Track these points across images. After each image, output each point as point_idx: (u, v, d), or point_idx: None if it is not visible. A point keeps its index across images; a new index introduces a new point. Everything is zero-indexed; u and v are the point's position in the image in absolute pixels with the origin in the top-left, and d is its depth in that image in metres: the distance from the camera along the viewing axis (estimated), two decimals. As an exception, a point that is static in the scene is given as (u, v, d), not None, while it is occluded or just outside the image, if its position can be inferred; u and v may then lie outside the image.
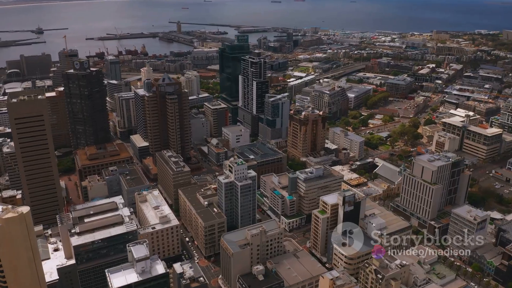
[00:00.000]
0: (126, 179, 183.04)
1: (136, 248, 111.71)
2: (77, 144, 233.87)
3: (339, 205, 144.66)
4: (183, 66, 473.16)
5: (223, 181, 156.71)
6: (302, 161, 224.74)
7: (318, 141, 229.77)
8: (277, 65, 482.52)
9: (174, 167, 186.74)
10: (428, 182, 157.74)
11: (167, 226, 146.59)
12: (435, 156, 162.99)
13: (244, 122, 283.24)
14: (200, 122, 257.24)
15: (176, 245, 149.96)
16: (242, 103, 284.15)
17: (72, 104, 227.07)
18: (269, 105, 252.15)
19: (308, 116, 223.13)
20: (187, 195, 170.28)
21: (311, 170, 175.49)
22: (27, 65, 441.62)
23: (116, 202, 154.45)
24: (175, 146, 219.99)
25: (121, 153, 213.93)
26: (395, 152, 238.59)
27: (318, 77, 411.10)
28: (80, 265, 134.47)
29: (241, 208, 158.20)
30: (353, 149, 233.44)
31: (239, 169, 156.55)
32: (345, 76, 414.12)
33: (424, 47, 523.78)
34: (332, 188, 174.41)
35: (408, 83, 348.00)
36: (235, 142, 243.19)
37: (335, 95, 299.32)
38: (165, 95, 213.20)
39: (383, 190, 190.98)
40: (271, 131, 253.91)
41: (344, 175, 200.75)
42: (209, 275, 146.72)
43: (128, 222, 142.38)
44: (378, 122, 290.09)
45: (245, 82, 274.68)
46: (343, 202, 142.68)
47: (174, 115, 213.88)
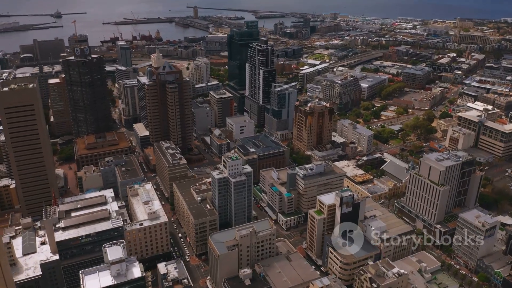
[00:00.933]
0: (121, 170, 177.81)
1: (112, 249, 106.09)
2: (78, 132, 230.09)
3: (337, 206, 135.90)
4: (196, 52, 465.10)
5: (217, 177, 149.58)
6: (306, 154, 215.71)
7: (324, 134, 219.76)
8: (291, 52, 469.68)
9: (170, 159, 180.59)
10: (435, 183, 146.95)
11: (155, 222, 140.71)
12: (444, 155, 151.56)
13: (251, 112, 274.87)
14: (205, 111, 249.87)
15: (165, 243, 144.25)
16: (249, 92, 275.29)
17: (72, 91, 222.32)
18: (275, 95, 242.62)
19: (314, 108, 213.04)
20: (181, 189, 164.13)
21: (311, 166, 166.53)
22: (40, 50, 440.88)
23: (106, 196, 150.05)
24: (175, 136, 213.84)
25: (120, 142, 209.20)
26: (406, 147, 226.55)
27: (332, 65, 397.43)
28: (64, 261, 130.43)
29: (235, 205, 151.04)
30: (361, 143, 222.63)
31: (233, 165, 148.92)
32: (361, 64, 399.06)
33: (446, 35, 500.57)
34: (334, 186, 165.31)
35: (425, 73, 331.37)
36: (239, 133, 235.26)
37: (347, 85, 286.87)
38: (165, 84, 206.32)
39: (389, 188, 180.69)
40: (277, 122, 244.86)
41: (349, 171, 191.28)
42: (198, 275, 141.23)
43: (115, 218, 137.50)
44: (391, 114, 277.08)
45: (252, 71, 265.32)
46: (340, 203, 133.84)
47: (174, 104, 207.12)
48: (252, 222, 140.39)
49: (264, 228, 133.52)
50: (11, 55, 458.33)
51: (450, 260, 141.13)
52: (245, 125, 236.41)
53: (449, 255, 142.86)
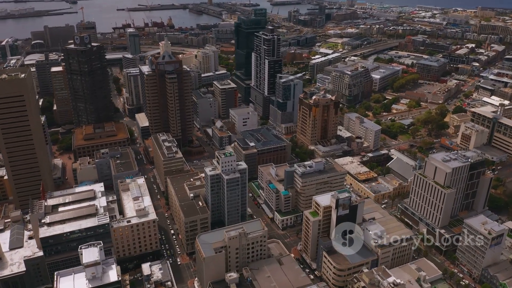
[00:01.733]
0: (115, 163, 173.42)
1: (87, 251, 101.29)
2: (78, 121, 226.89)
3: (332, 208, 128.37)
4: (206, 40, 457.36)
5: (209, 173, 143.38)
6: (310, 149, 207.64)
7: (330, 128, 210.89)
8: (304, 40, 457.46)
9: (166, 153, 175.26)
10: (440, 185, 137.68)
11: (144, 220, 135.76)
12: (451, 155, 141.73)
13: (256, 103, 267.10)
14: (208, 102, 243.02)
15: (154, 241, 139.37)
16: (254, 82, 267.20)
17: (72, 80, 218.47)
18: (280, 87, 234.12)
19: (318, 101, 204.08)
20: (174, 184, 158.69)
21: (310, 163, 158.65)
22: (51, 37, 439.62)
23: (95, 191, 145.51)
24: (175, 128, 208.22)
25: (118, 133, 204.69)
26: (416, 143, 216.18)
27: (345, 54, 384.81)
28: (49, 258, 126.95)
29: (228, 204, 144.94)
30: (368, 138, 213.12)
31: (227, 161, 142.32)
32: (375, 54, 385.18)
33: (466, 24, 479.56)
34: (334, 184, 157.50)
35: (441, 65, 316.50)
36: (242, 126, 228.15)
37: (357, 76, 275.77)
38: (164, 74, 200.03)
39: (393, 188, 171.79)
40: (281, 114, 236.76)
41: (352, 168, 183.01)
42: (187, 275, 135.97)
43: (102, 214, 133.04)
44: (403, 107, 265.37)
45: (257, 60, 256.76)
46: (336, 205, 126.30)
47: (173, 95, 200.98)
48: (243, 223, 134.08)
49: (255, 229, 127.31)
50: (23, 42, 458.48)
51: (454, 268, 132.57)
52: (248, 117, 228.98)
53: (452, 262, 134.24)
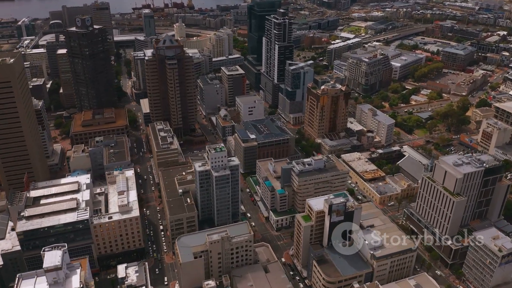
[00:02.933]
0: (109, 152, 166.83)
1: (50, 254, 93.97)
2: (81, 106, 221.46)
3: (326, 214, 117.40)
4: (224, 22, 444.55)
5: (198, 169, 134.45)
6: (316, 142, 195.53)
7: (339, 121, 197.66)
8: (325, 24, 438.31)
9: (160, 143, 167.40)
10: (449, 192, 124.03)
11: (126, 216, 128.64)
12: (463, 159, 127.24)
13: (266, 91, 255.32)
14: (214, 88, 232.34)
15: (137, 238, 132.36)
16: (265, 69, 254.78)
17: (74, 64, 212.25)
18: (290, 74, 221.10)
19: (327, 91, 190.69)
20: (165, 177, 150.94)
21: (309, 160, 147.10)
22: (69, 16, 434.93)
23: (80, 183, 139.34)
24: (175, 116, 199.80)
25: (117, 120, 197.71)
26: (433, 139, 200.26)
27: (367, 39, 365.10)
28: (27, 252, 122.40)
29: (217, 202, 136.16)
30: (380, 133, 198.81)
31: (216, 157, 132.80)
32: (399, 40, 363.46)
33: (499, 10, 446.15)
34: (335, 185, 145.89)
35: (468, 53, 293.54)
36: (247, 115, 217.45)
37: (375, 64, 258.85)
38: (164, 59, 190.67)
39: (401, 189, 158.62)
40: (290, 104, 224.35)
41: (359, 166, 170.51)
42: (171, 276, 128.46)
43: (82, 210, 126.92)
44: (423, 98, 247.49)
45: (268, 45, 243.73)
46: (329, 211, 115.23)
47: (174, 82, 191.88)
48: (228, 225, 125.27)
49: (240, 233, 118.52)
50: (43, 21, 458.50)
51: (459, 284, 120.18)
52: (255, 106, 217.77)
53: (458, 278, 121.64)
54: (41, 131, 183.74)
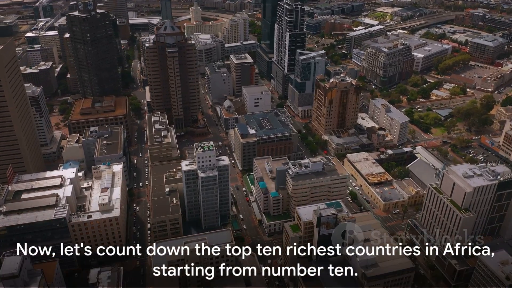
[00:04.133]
0: (101, 144, 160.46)
1: (9, 260, 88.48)
2: (84, 92, 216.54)
3: (314, 226, 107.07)
4: (243, 5, 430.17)
5: (184, 168, 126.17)
6: (323, 139, 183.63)
7: (348, 117, 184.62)
8: (349, 9, 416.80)
9: (153, 136, 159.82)
10: (457, 207, 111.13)
11: (105, 216, 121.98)
12: (475, 169, 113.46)
13: (277, 80, 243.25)
14: (221, 77, 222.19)
15: (117, 239, 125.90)
16: (276, 57, 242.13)
17: (76, 49, 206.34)
18: (299, 64, 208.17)
19: (336, 84, 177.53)
20: (155, 173, 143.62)
21: (307, 162, 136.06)
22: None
23: (64, 177, 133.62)
24: (176, 106, 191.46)
25: (117, 109, 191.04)
26: (450, 140, 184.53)
27: (391, 27, 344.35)
28: (4, 249, 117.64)
29: (204, 204, 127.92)
30: (392, 131, 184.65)
31: (203, 156, 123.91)
32: (426, 28, 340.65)
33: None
34: (333, 189, 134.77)
35: (498, 45, 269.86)
36: (253, 107, 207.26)
37: (395, 55, 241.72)
38: (164, 47, 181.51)
39: (409, 196, 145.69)
40: (299, 96, 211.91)
41: (365, 167, 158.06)
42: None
43: (61, 207, 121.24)
44: (445, 93, 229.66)
45: (280, 33, 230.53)
46: (317, 223, 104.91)
47: (174, 71, 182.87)
48: (208, 232, 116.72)
49: (222, 241, 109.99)
50: (63, 2, 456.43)
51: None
52: (261, 97, 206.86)
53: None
54: (38, 119, 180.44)
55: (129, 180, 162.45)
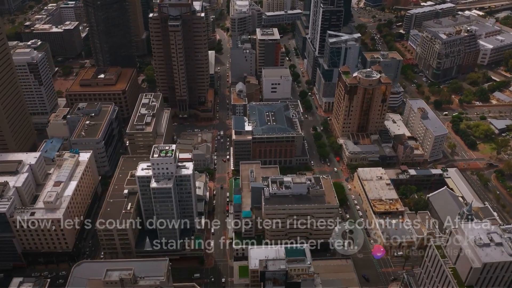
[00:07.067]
0: (83, 124, 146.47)
1: None
2: (97, 60, 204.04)
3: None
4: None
5: (138, 173, 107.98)
6: (338, 143, 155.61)
7: (372, 119, 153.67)
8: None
9: (134, 122, 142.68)
10: (459, 281, 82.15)
11: (47, 216, 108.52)
12: (495, 234, 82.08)
13: (308, 62, 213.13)
14: (243, 54, 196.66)
15: (63, 241, 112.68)
16: (310, 34, 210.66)
17: (88, 13, 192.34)
18: (328, 49, 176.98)
19: (359, 80, 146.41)
20: (124, 168, 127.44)
21: (289, 182, 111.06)
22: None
23: (23, 163, 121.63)
24: (179, 86, 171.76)
25: (117, 83, 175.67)
26: (499, 163, 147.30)
27: (466, 5, 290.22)
28: None
29: (158, 217, 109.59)
30: (425, 143, 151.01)
31: (159, 163, 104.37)
32: (509, 10, 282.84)
33: None
34: (319, 220, 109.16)
35: None
36: (270, 93, 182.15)
37: (455, 43, 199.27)
38: (167, 20, 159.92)
39: (419, 237, 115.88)
40: (324, 85, 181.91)
41: (376, 189, 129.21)
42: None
43: (5, 199, 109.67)
44: (510, 98, 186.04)
45: (315, 7, 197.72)
46: (261, 277, 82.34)
47: (176, 46, 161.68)
48: (140, 260, 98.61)
49: (152, 274, 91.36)
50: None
51: None
52: (279, 82, 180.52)
53: None
54: (37, 87, 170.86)
55: (111, 167, 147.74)
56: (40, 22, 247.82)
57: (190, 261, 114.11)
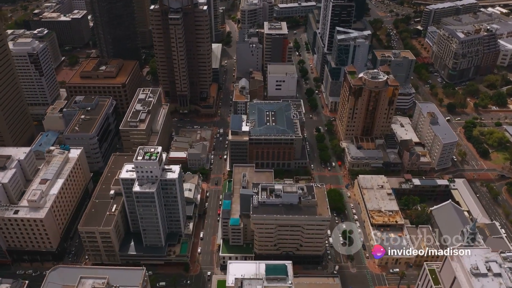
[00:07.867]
0: (78, 118, 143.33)
1: None
2: (101, 51, 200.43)
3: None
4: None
5: (122, 175, 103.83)
6: (340, 146, 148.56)
7: (378, 123, 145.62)
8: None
9: (128, 119, 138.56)
10: (451, 313, 75.61)
11: (30, 216, 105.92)
12: (494, 263, 74.84)
13: (318, 57, 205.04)
14: (249, 48, 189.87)
15: (46, 241, 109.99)
16: (320, 29, 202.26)
17: (93, 4, 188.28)
18: (336, 46, 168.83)
19: (364, 82, 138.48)
20: (113, 166, 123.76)
21: (279, 191, 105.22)
22: None
23: (13, 158, 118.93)
24: (179, 81, 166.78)
25: (118, 76, 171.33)
26: (510, 174, 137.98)
27: (490, 2, 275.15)
28: None
29: (142, 221, 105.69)
30: (433, 151, 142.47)
31: (144, 166, 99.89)
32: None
33: None
34: (308, 233, 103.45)
35: None
36: (274, 90, 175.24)
37: (473, 43, 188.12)
38: (168, 12, 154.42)
39: (418, 253, 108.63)
40: (331, 84, 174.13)
41: (375, 200, 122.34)
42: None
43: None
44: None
45: (326, 1, 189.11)
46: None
47: (176, 40, 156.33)
48: (116, 268, 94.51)
49: (128, 283, 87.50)
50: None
51: None
52: (284, 79, 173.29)
53: None
54: (37, 77, 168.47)
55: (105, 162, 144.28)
56: (49, 10, 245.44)
57: (174, 267, 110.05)
